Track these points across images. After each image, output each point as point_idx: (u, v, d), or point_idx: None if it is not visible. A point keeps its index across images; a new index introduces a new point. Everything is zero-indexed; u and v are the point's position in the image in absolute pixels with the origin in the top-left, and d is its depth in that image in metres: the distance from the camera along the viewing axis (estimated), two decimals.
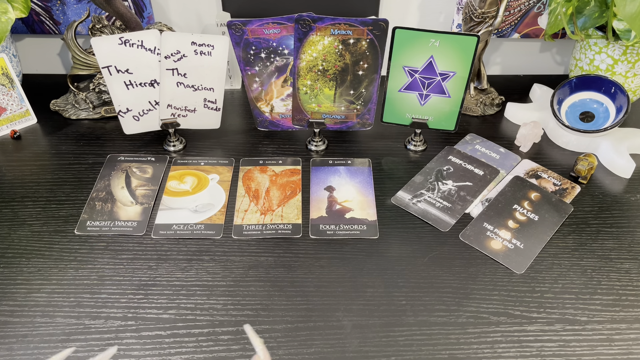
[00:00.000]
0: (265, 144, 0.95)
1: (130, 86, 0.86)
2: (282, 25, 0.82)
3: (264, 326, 0.67)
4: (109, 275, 0.73)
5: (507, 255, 0.76)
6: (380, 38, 0.82)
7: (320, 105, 0.90)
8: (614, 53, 0.95)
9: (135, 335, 0.66)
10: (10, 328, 0.66)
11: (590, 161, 0.88)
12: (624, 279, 0.74)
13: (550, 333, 0.67)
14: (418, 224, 0.81)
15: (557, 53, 1.16)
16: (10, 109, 0.96)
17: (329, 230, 0.79)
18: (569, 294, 0.72)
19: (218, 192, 0.85)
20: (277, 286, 0.72)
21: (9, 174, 0.88)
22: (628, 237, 0.80)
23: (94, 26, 0.94)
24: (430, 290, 0.72)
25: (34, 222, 0.80)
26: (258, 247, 0.77)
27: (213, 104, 0.91)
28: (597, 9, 0.93)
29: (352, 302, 0.70)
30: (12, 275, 0.73)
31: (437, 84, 0.87)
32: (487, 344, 0.66)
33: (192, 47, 0.84)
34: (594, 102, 0.95)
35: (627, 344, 0.66)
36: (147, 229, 0.79)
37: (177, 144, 0.94)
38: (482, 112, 1.03)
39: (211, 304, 0.70)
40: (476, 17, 0.92)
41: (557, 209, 0.83)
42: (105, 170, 0.89)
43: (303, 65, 0.85)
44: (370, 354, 0.64)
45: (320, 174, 0.89)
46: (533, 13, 1.06)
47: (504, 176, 0.89)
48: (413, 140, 0.95)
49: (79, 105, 0.99)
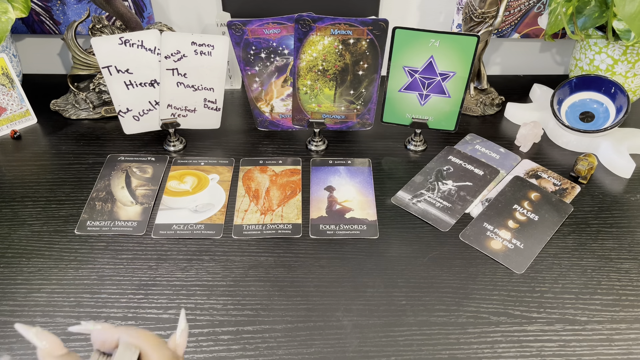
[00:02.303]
0: (265, 144, 0.95)
1: (130, 86, 0.86)
2: (282, 25, 0.82)
3: (264, 326, 0.67)
4: (109, 275, 0.73)
5: (507, 255, 0.76)
6: (380, 38, 0.82)
7: (320, 105, 0.90)
8: (614, 53, 0.95)
9: None
10: (10, 328, 0.66)
11: (590, 161, 0.88)
12: (624, 279, 0.74)
13: (550, 333, 0.67)
14: (418, 224, 0.81)
15: (557, 53, 1.16)
16: (10, 109, 0.96)
17: (329, 230, 0.79)
18: (569, 294, 0.72)
19: (218, 192, 0.85)
20: (277, 286, 0.72)
21: (9, 174, 0.88)
22: (628, 237, 0.80)
23: (94, 26, 0.94)
24: (430, 290, 0.72)
25: (34, 222, 0.80)
26: (258, 247, 0.77)
27: (213, 104, 0.91)
28: (597, 9, 0.93)
29: (352, 302, 0.70)
30: (12, 275, 0.73)
31: (437, 84, 0.87)
32: (487, 344, 0.66)
33: (192, 47, 0.84)
34: (594, 102, 0.95)
35: (627, 344, 0.66)
36: (147, 229, 0.79)
37: (177, 144, 0.94)
38: (482, 112, 1.03)
39: (211, 304, 0.70)
40: (476, 17, 0.92)
41: (557, 209, 0.83)
42: (105, 170, 0.89)
43: (303, 65, 0.85)
44: (370, 354, 0.64)
45: (320, 174, 0.89)
46: (533, 13, 1.06)
47: (504, 176, 0.89)
48: (413, 140, 0.95)
49: (79, 105, 0.99)
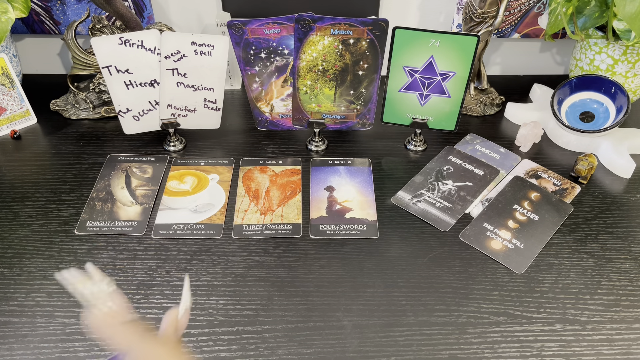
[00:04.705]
0: (265, 144, 0.95)
1: (130, 86, 0.86)
2: (282, 25, 0.82)
3: (264, 326, 0.67)
4: (109, 275, 0.72)
5: (507, 255, 0.76)
6: (380, 38, 0.82)
7: (320, 105, 0.90)
8: (614, 53, 0.95)
9: None
10: (10, 328, 0.66)
11: (590, 161, 0.88)
12: (624, 279, 0.74)
13: (550, 333, 0.67)
14: (418, 224, 0.81)
15: (557, 53, 1.16)
16: (10, 109, 0.96)
17: (329, 230, 0.79)
18: (569, 294, 0.72)
19: (218, 192, 0.85)
20: (277, 286, 0.72)
21: (9, 174, 0.88)
22: (628, 237, 0.80)
23: (94, 26, 0.94)
24: (430, 290, 0.72)
25: (34, 222, 0.80)
26: (258, 247, 0.77)
27: (213, 104, 0.91)
28: (597, 9, 0.93)
29: (352, 302, 0.70)
30: (12, 275, 0.73)
31: (437, 84, 0.87)
32: (487, 344, 0.66)
33: (192, 47, 0.84)
34: (594, 102, 0.95)
35: (627, 344, 0.66)
36: (147, 229, 0.79)
37: (177, 144, 0.94)
38: (482, 112, 1.03)
39: (211, 304, 0.70)
40: (476, 17, 0.92)
41: (557, 209, 0.83)
42: (105, 170, 0.89)
43: (303, 65, 0.85)
44: (370, 354, 0.64)
45: (320, 174, 0.89)
46: (533, 13, 1.06)
47: (504, 176, 0.89)
48: (413, 140, 0.95)
49: (79, 105, 0.99)
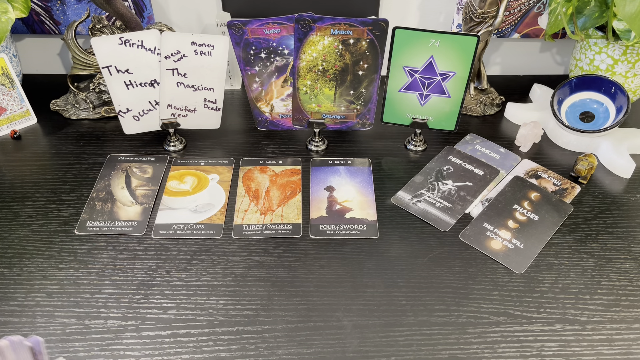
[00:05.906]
0: (265, 144, 0.95)
1: (130, 86, 0.86)
2: (282, 25, 0.82)
3: (264, 326, 0.67)
4: (109, 275, 0.73)
5: (507, 255, 0.76)
6: (380, 38, 0.82)
7: (320, 105, 0.90)
8: (614, 53, 0.95)
9: (135, 335, 0.66)
10: (10, 328, 0.66)
11: (590, 161, 0.88)
12: (624, 279, 0.74)
13: (550, 333, 0.67)
14: (418, 224, 0.81)
15: (557, 53, 1.16)
16: (10, 109, 0.96)
17: (329, 230, 0.79)
18: (569, 294, 0.72)
19: (218, 192, 0.85)
20: (277, 286, 0.72)
21: (9, 174, 0.88)
22: (628, 237, 0.80)
23: (94, 26, 0.94)
24: (430, 290, 0.72)
25: (34, 222, 0.80)
26: (258, 247, 0.77)
27: (213, 104, 0.91)
28: (597, 9, 0.93)
29: (352, 302, 0.70)
30: (12, 275, 0.73)
31: (437, 84, 0.87)
32: (487, 344, 0.66)
33: (192, 47, 0.84)
34: (594, 102, 0.95)
35: (627, 344, 0.66)
36: (147, 229, 0.79)
37: (177, 144, 0.94)
38: (482, 112, 1.03)
39: (211, 304, 0.70)
40: (476, 17, 0.92)
41: (557, 209, 0.83)
42: (105, 170, 0.89)
43: (303, 65, 0.85)
44: (370, 354, 0.64)
45: (320, 174, 0.89)
46: (533, 13, 1.06)
47: (504, 176, 0.89)
48: (413, 140, 0.95)
49: (79, 105, 0.99)
